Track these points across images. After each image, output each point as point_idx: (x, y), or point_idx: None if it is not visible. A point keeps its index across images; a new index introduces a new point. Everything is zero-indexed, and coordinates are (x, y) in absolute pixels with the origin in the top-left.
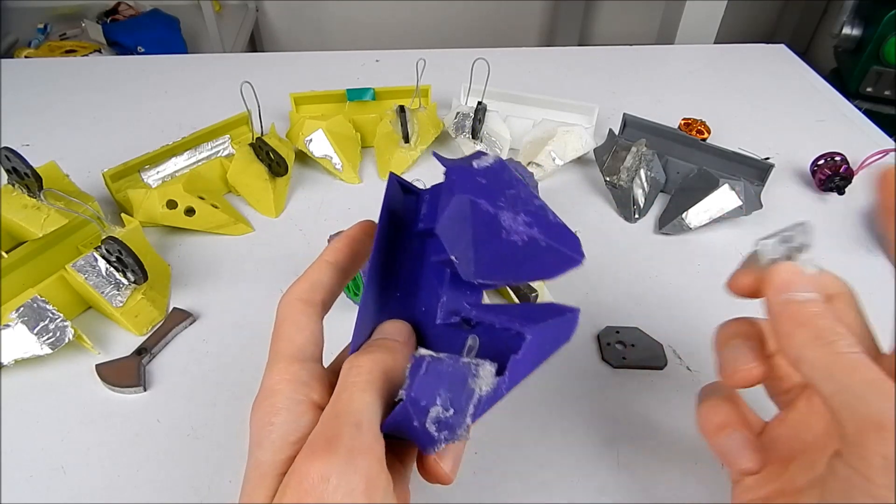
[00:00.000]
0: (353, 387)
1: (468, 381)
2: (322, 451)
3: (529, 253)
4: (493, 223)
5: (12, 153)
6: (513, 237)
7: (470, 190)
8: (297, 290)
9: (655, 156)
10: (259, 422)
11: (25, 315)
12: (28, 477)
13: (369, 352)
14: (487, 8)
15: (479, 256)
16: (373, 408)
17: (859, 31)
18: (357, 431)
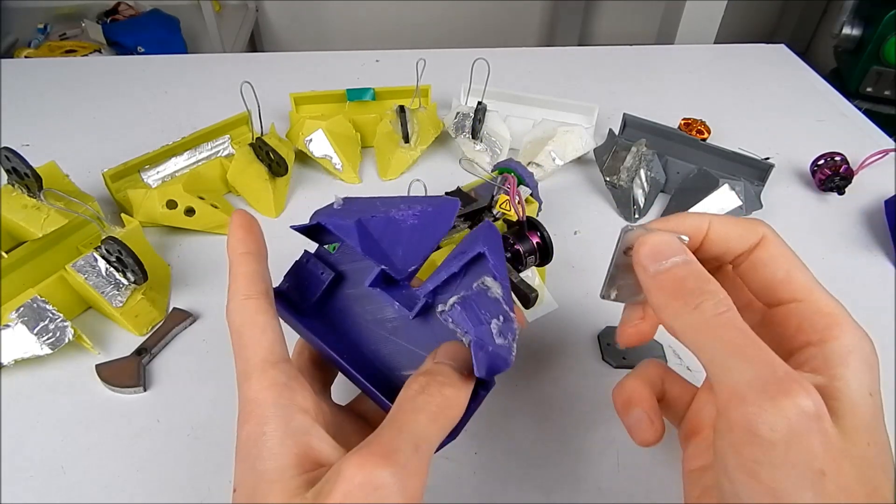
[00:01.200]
0: (423, 412)
1: (487, 295)
2: (379, 459)
3: (424, 224)
4: (390, 222)
5: (12, 153)
6: (409, 221)
7: (353, 216)
8: (239, 289)
9: (655, 156)
10: (249, 434)
11: (25, 315)
12: (28, 477)
13: (438, 384)
14: (487, 8)
15: (395, 254)
16: (434, 438)
17: (859, 31)
18: (415, 453)
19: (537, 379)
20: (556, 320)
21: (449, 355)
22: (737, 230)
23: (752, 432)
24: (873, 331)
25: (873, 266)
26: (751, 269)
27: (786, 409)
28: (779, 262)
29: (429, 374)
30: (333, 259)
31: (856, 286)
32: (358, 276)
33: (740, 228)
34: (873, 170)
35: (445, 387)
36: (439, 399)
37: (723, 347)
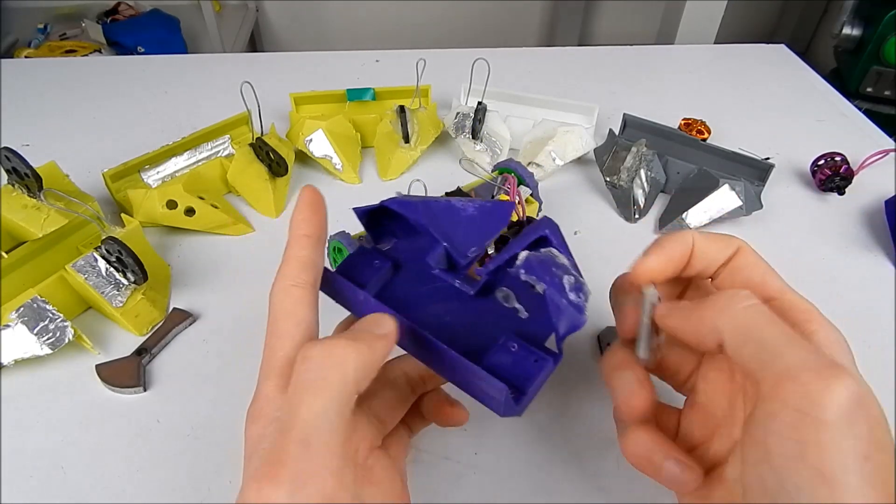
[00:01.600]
0: (304, 389)
1: (556, 260)
2: (266, 477)
3: (483, 216)
4: (452, 209)
5: (12, 153)
6: (469, 211)
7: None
8: (289, 274)
9: (655, 156)
10: (259, 435)
11: (25, 315)
12: (28, 477)
13: (328, 344)
14: (487, 8)
15: (456, 236)
16: (327, 414)
17: (859, 31)
18: (305, 451)
19: None
20: None
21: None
22: (717, 244)
23: (804, 412)
24: (873, 331)
25: (873, 266)
26: (729, 276)
27: (839, 392)
28: (754, 267)
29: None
30: (389, 252)
31: (856, 286)
32: (412, 266)
33: (720, 242)
34: (873, 170)
35: (332, 346)
36: (321, 361)
37: (772, 336)
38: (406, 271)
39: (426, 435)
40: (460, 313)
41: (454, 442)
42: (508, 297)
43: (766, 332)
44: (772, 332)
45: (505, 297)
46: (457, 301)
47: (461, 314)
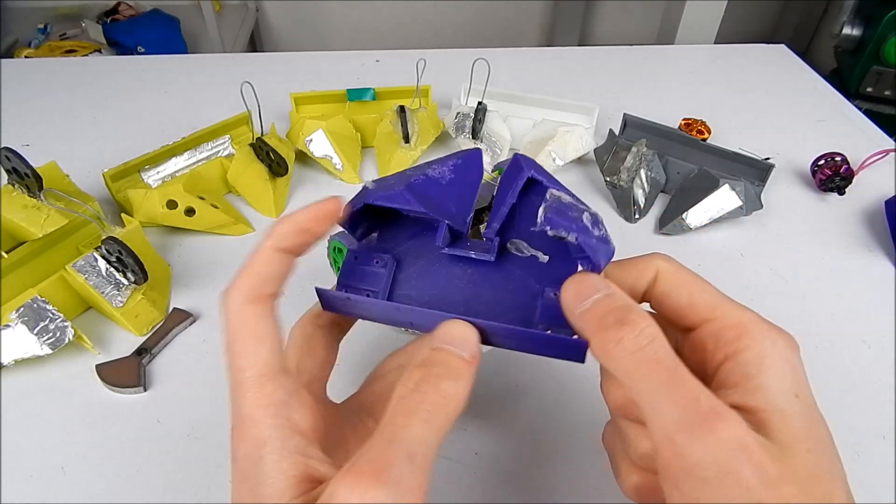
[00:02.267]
0: (416, 415)
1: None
2: (370, 478)
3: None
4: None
5: (12, 153)
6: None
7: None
8: (244, 287)
9: (656, 156)
10: (246, 456)
11: (25, 315)
12: (28, 477)
13: (433, 375)
14: (487, 8)
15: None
16: (432, 441)
17: (859, 31)
18: (410, 464)
19: (537, 379)
20: None
21: (447, 337)
22: (631, 273)
23: (685, 471)
24: (873, 331)
25: (873, 266)
26: (657, 304)
27: (711, 445)
28: (679, 290)
29: (424, 367)
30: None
31: (856, 286)
32: (413, 254)
33: (634, 270)
34: (873, 170)
35: (442, 380)
36: (435, 397)
37: (647, 384)
38: (409, 261)
39: None
40: (487, 282)
41: (454, 442)
42: (521, 246)
43: (643, 384)
44: (648, 384)
45: (518, 248)
46: (478, 272)
47: (488, 283)
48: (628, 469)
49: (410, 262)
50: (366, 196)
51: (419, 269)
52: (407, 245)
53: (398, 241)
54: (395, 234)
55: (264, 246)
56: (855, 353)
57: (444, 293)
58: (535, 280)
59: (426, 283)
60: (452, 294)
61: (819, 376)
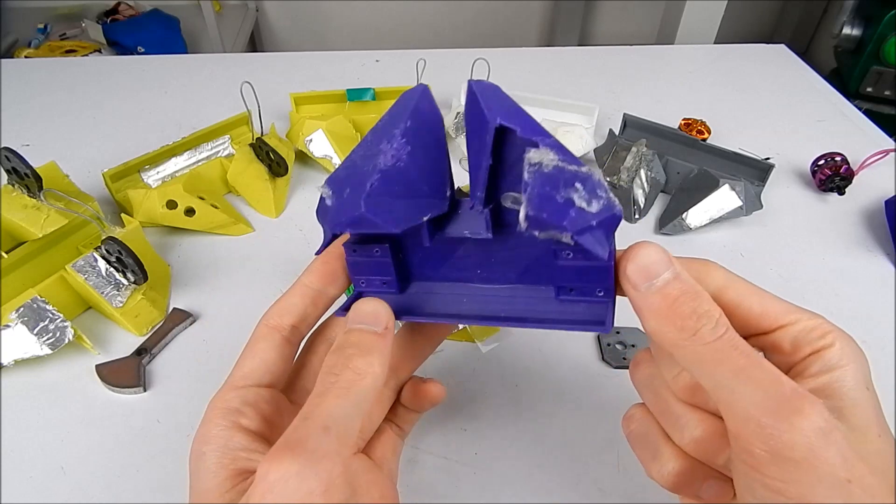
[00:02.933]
0: (326, 392)
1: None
2: (284, 453)
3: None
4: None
5: (12, 153)
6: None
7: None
8: (268, 312)
9: (655, 156)
10: (194, 452)
11: (25, 315)
12: (28, 477)
13: (343, 356)
14: (487, 8)
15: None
16: (346, 410)
17: (859, 31)
18: (324, 435)
19: (537, 379)
20: None
21: (359, 317)
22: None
23: (772, 454)
24: (873, 331)
25: (873, 266)
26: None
27: (801, 427)
28: (750, 298)
29: (338, 351)
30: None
31: (856, 286)
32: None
33: (693, 273)
34: (873, 170)
35: (353, 358)
36: (348, 374)
37: (727, 372)
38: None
39: (426, 435)
40: (503, 249)
41: (454, 442)
42: (517, 199)
43: (720, 371)
44: (726, 370)
45: (514, 200)
46: (479, 247)
47: (503, 249)
48: (671, 455)
49: (413, 241)
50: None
51: (426, 247)
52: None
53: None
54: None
55: (297, 280)
56: None
57: (456, 267)
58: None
59: (436, 263)
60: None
61: None
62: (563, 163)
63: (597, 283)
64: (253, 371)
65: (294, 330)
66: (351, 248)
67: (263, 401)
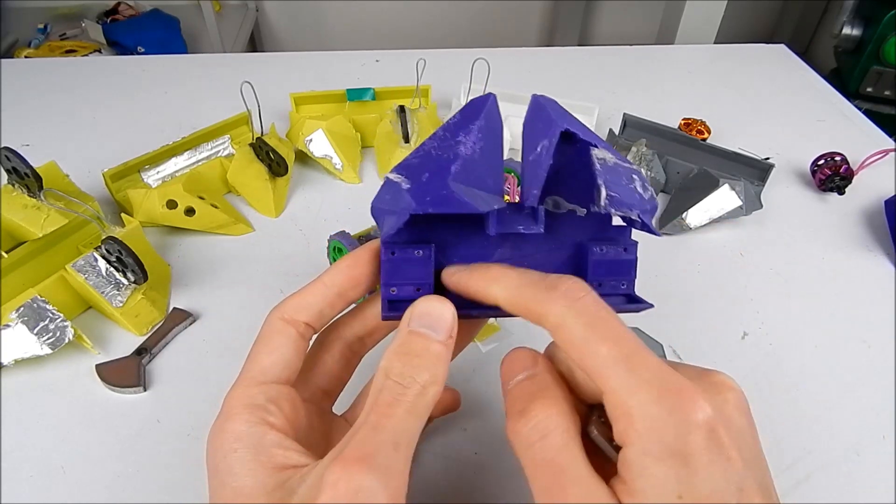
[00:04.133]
0: (398, 405)
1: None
2: (358, 463)
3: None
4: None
5: (12, 153)
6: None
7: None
8: (284, 306)
9: (655, 156)
10: (221, 448)
11: (25, 315)
12: (28, 477)
13: (413, 366)
14: (487, 8)
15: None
16: (414, 431)
17: (859, 31)
18: (394, 452)
19: None
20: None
21: (424, 319)
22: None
23: None
24: (873, 331)
25: (873, 266)
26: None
27: None
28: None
29: (403, 357)
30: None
31: (856, 286)
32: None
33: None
34: (873, 170)
35: (422, 371)
36: (416, 388)
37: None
38: (451, 241)
39: (426, 435)
40: (534, 248)
41: (454, 442)
42: (558, 203)
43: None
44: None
45: (556, 204)
46: (525, 240)
47: (535, 248)
48: None
49: (450, 242)
50: (409, 204)
51: (460, 249)
52: (440, 224)
53: (430, 220)
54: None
55: (318, 278)
56: (855, 353)
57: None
58: (578, 234)
59: (470, 261)
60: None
61: (819, 376)
62: (620, 161)
63: (623, 276)
64: (272, 366)
65: (308, 328)
66: (390, 249)
67: (284, 398)
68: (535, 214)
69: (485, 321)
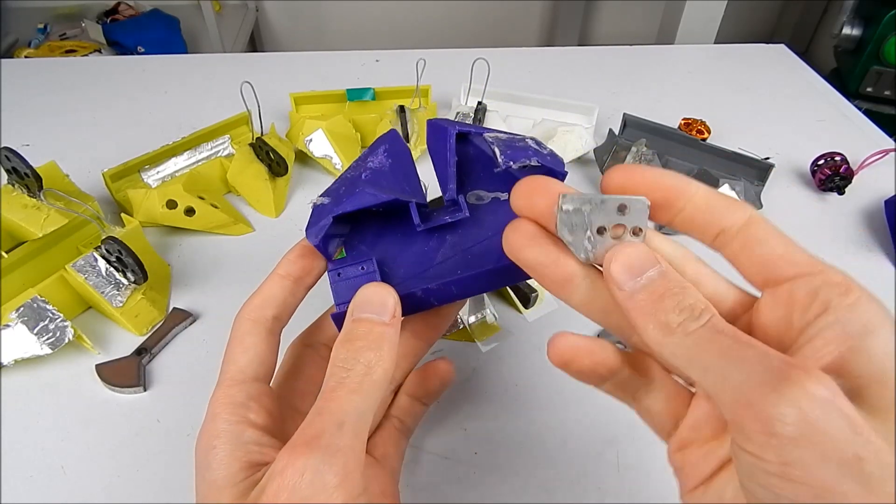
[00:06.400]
0: (340, 388)
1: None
2: (301, 448)
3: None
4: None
5: (12, 153)
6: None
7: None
8: (248, 306)
9: (655, 156)
10: (203, 447)
11: (25, 315)
12: (28, 477)
13: (354, 349)
14: (487, 8)
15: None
16: (360, 407)
17: (859, 31)
18: (338, 430)
19: (537, 379)
20: (556, 320)
21: (365, 305)
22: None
23: (768, 433)
24: None
25: (873, 266)
26: (744, 249)
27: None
28: (775, 238)
29: (347, 343)
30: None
31: None
32: (388, 246)
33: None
34: (873, 170)
35: (363, 351)
36: (359, 368)
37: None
38: (389, 253)
39: (426, 435)
40: (467, 240)
41: (454, 442)
42: (480, 195)
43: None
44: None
45: (478, 197)
46: (456, 234)
47: (468, 240)
48: None
49: (391, 254)
50: (328, 211)
51: (401, 257)
52: (378, 241)
53: (368, 240)
54: (362, 237)
55: (272, 271)
56: None
57: (435, 267)
58: (505, 218)
59: (414, 265)
60: (443, 263)
61: None
62: (513, 136)
63: None
64: (249, 365)
65: (276, 321)
66: (336, 271)
67: (264, 395)
68: (456, 204)
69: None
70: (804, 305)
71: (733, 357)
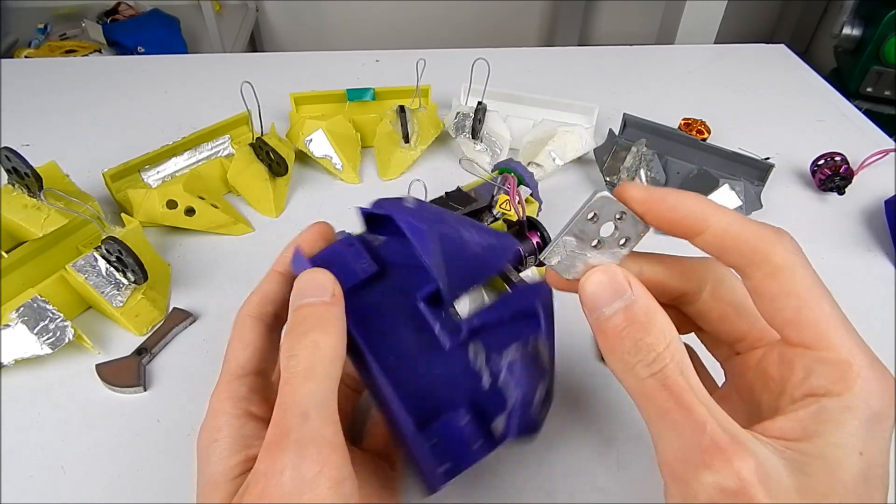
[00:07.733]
0: (294, 378)
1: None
2: (274, 447)
3: (487, 254)
4: (461, 243)
5: (12, 153)
6: (475, 249)
7: (428, 223)
8: (248, 304)
9: (655, 156)
10: (204, 441)
11: (25, 315)
12: (28, 477)
13: (298, 334)
14: (487, 8)
15: (454, 275)
16: (319, 392)
17: (859, 31)
18: (304, 422)
19: None
20: (555, 320)
21: (304, 292)
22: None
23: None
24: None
25: (873, 266)
26: (755, 296)
27: (704, 482)
28: (788, 298)
29: (290, 333)
30: (376, 250)
31: (856, 286)
32: (399, 276)
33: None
34: (873, 170)
35: (307, 334)
36: (305, 352)
37: (654, 413)
38: (389, 280)
39: None
40: (426, 359)
41: None
42: (478, 355)
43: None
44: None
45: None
46: (427, 345)
47: (427, 360)
48: None
49: (392, 280)
50: (390, 208)
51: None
52: (401, 262)
53: (398, 253)
54: (400, 247)
55: (270, 269)
56: None
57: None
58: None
59: (385, 315)
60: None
61: None
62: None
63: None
64: (250, 360)
65: (276, 317)
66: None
67: (266, 388)
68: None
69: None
70: (799, 379)
71: (669, 421)
